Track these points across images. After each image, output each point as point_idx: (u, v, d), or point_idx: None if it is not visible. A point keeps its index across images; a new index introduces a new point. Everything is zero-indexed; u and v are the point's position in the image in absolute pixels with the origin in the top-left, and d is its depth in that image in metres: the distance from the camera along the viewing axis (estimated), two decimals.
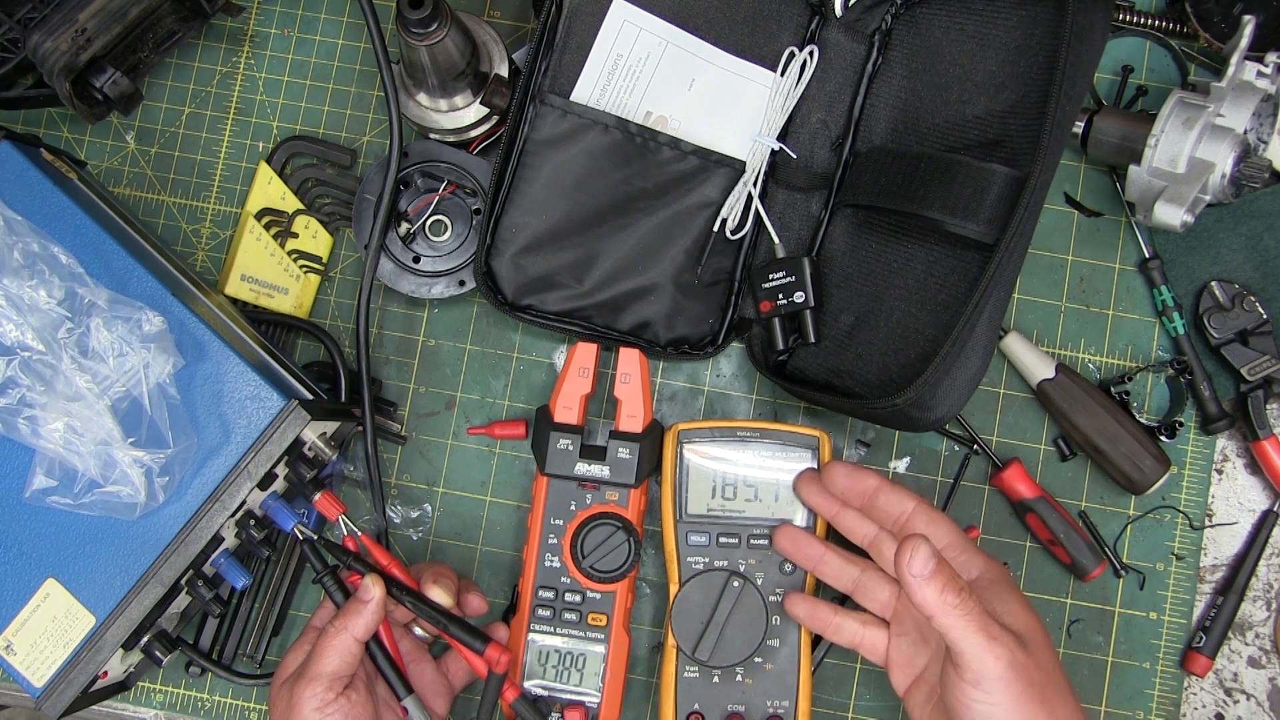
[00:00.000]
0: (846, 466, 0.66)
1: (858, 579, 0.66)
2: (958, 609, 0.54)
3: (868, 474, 0.65)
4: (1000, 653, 0.54)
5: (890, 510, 0.64)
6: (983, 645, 0.54)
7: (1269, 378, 0.73)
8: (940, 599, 0.54)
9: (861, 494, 0.65)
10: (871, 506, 0.65)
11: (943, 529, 0.63)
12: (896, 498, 0.64)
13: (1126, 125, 0.72)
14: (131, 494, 0.62)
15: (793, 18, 0.75)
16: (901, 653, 0.64)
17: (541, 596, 0.69)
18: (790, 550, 0.68)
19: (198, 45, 0.81)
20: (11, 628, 0.63)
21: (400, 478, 0.77)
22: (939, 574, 0.55)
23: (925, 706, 0.62)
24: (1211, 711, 0.74)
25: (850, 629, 0.66)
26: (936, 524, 0.64)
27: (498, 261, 0.72)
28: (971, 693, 0.55)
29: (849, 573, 0.66)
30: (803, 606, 0.67)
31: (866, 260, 0.73)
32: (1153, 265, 0.75)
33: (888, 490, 0.65)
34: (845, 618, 0.66)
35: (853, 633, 0.66)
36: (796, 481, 0.69)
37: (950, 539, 0.63)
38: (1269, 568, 0.75)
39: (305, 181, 0.79)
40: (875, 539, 0.66)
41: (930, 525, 0.63)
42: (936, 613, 0.54)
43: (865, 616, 0.66)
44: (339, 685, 0.61)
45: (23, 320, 0.62)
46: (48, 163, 0.70)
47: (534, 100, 0.72)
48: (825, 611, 0.66)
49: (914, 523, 0.64)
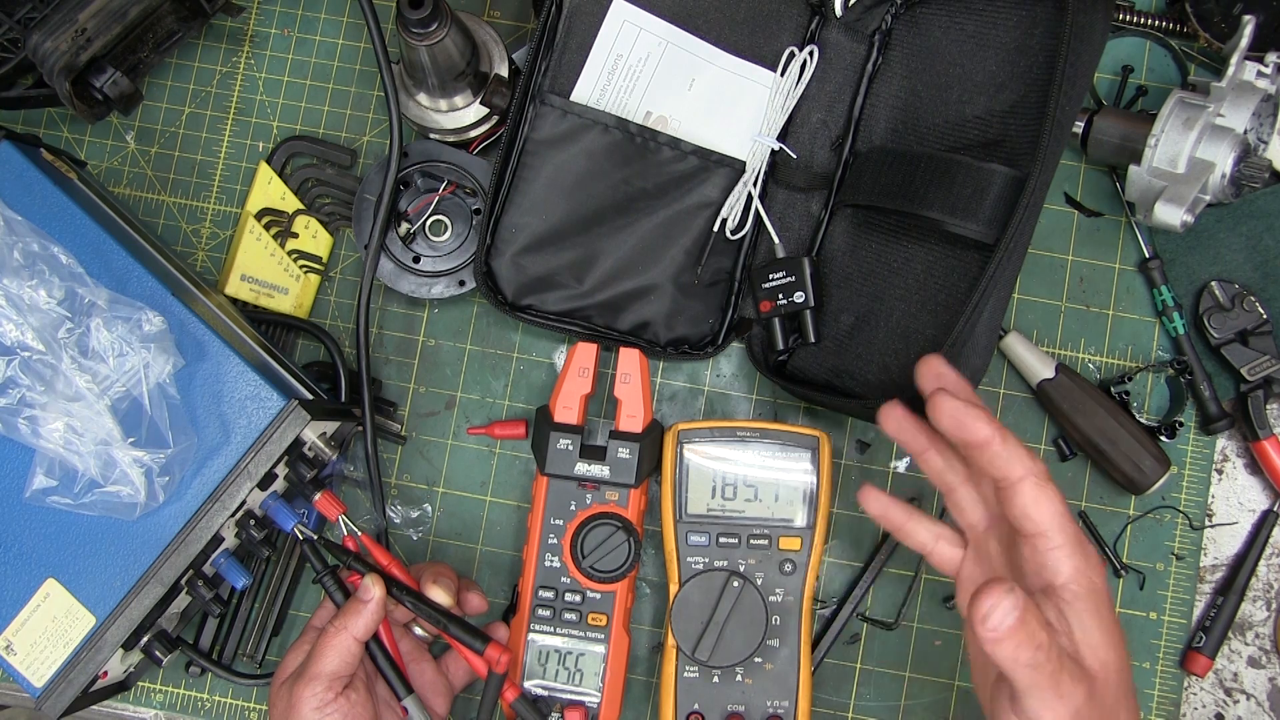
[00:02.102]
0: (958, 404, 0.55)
1: (956, 488, 0.60)
2: (1029, 665, 0.48)
3: (981, 420, 0.54)
4: (1064, 711, 0.49)
5: (993, 472, 0.54)
6: (1047, 702, 0.49)
7: (1269, 378, 0.73)
8: (1014, 656, 0.48)
9: (968, 443, 0.55)
10: (974, 458, 0.56)
11: (1046, 512, 0.53)
12: (1005, 462, 0.54)
13: (1126, 125, 0.72)
14: (131, 494, 0.62)
15: (793, 18, 0.75)
16: (974, 577, 0.59)
17: (541, 596, 0.69)
18: (895, 431, 0.61)
19: (198, 45, 0.81)
20: (11, 628, 0.63)
21: (400, 478, 0.77)
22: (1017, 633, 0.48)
23: None
24: (1211, 711, 0.74)
25: (922, 535, 0.61)
26: (1040, 506, 0.53)
27: (498, 261, 0.72)
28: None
29: (947, 478, 0.60)
30: (876, 502, 0.62)
31: (866, 260, 0.73)
32: (1153, 265, 0.75)
33: (999, 446, 0.54)
34: (918, 521, 0.61)
35: (923, 540, 0.61)
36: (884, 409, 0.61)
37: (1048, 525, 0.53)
38: (1269, 568, 0.75)
39: (305, 181, 0.79)
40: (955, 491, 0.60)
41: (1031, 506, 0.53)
42: (1007, 669, 0.49)
43: (939, 530, 0.61)
44: (339, 685, 0.61)
45: (23, 320, 0.62)
46: (48, 163, 0.70)
47: (534, 100, 0.72)
48: (898, 512, 0.61)
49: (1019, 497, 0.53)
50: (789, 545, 0.69)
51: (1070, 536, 0.53)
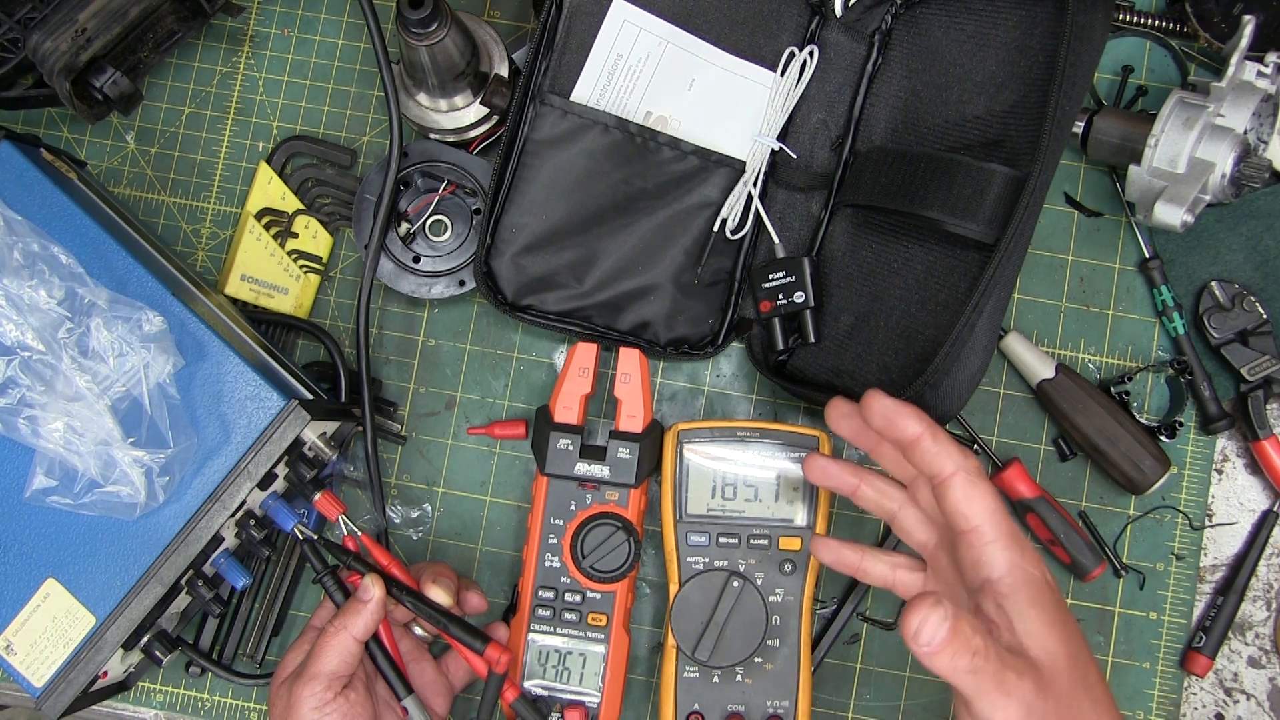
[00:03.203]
0: (889, 402, 0.57)
1: (896, 513, 0.61)
2: (969, 672, 0.49)
3: (909, 417, 0.56)
4: (1014, 709, 0.49)
5: (925, 468, 0.56)
6: (996, 704, 0.49)
7: (1269, 378, 0.73)
8: (951, 666, 0.49)
9: (898, 440, 0.57)
10: (908, 455, 0.57)
11: (977, 508, 0.55)
12: (935, 457, 0.55)
13: (1126, 125, 0.72)
14: (131, 494, 0.62)
15: (793, 18, 0.75)
16: None
17: (541, 596, 0.69)
18: (822, 479, 0.63)
19: (198, 45, 0.81)
20: (11, 628, 0.63)
21: (400, 478, 0.77)
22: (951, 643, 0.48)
23: None
24: (1211, 711, 0.74)
25: (879, 571, 0.61)
26: (972, 501, 0.55)
27: (498, 261, 0.72)
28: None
29: (886, 506, 0.61)
30: (827, 551, 0.63)
31: (866, 260, 0.73)
32: (1153, 265, 0.75)
33: (929, 443, 0.55)
34: (873, 560, 0.62)
35: (883, 574, 0.61)
36: (829, 407, 0.61)
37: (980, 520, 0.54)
38: (1269, 568, 0.75)
39: (305, 181, 0.79)
40: (915, 483, 0.60)
41: (963, 502, 0.55)
42: (948, 677, 0.49)
43: (895, 559, 0.62)
44: (338, 685, 0.61)
45: (23, 320, 0.62)
46: (48, 163, 0.70)
47: (534, 100, 0.72)
48: (851, 554, 0.62)
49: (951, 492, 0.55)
50: (789, 545, 0.69)
51: (1004, 530, 0.54)
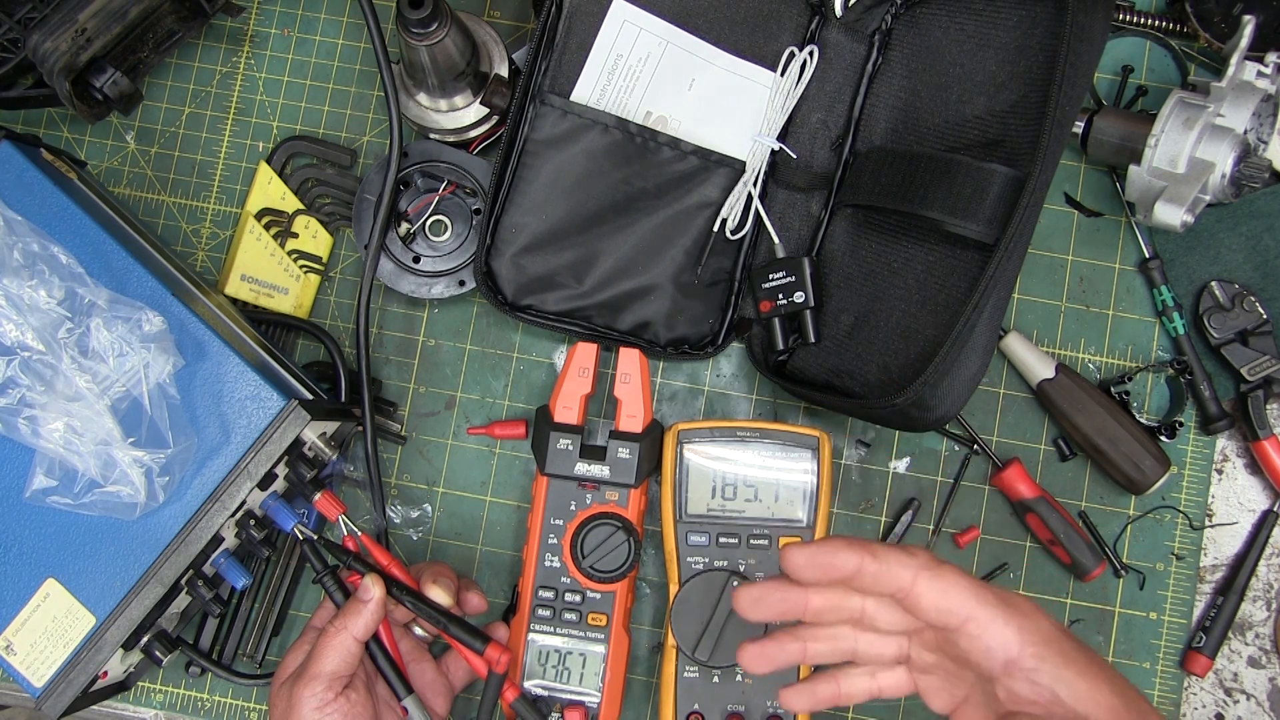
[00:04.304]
0: (807, 549, 0.52)
1: (854, 647, 0.56)
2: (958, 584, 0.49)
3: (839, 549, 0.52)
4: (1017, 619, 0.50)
5: (881, 590, 0.52)
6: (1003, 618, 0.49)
7: (1269, 378, 0.73)
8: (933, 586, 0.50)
9: (839, 577, 0.52)
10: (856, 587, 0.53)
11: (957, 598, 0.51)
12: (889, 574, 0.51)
13: (1126, 125, 0.72)
14: (131, 494, 0.62)
15: (793, 18, 0.75)
16: (932, 685, 0.56)
17: (541, 596, 0.69)
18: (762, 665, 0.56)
19: (198, 45, 0.81)
20: (11, 628, 0.63)
21: (400, 478, 0.77)
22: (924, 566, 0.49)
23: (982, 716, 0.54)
24: (1211, 711, 0.74)
25: (861, 685, 0.57)
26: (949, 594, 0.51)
27: (498, 261, 0.72)
28: None
29: (841, 646, 0.56)
30: (800, 698, 0.58)
31: (866, 260, 0.73)
32: (1153, 265, 0.75)
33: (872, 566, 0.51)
34: (849, 679, 0.57)
35: (866, 688, 0.57)
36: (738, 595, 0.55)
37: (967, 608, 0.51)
38: (1269, 568, 0.75)
39: (305, 181, 0.79)
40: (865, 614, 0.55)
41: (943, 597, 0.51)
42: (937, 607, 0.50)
43: (869, 666, 0.57)
44: (339, 685, 0.61)
45: (23, 320, 0.62)
46: (48, 163, 0.70)
47: (534, 100, 0.72)
48: (825, 687, 0.57)
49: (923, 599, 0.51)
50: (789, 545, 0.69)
51: (994, 603, 0.51)
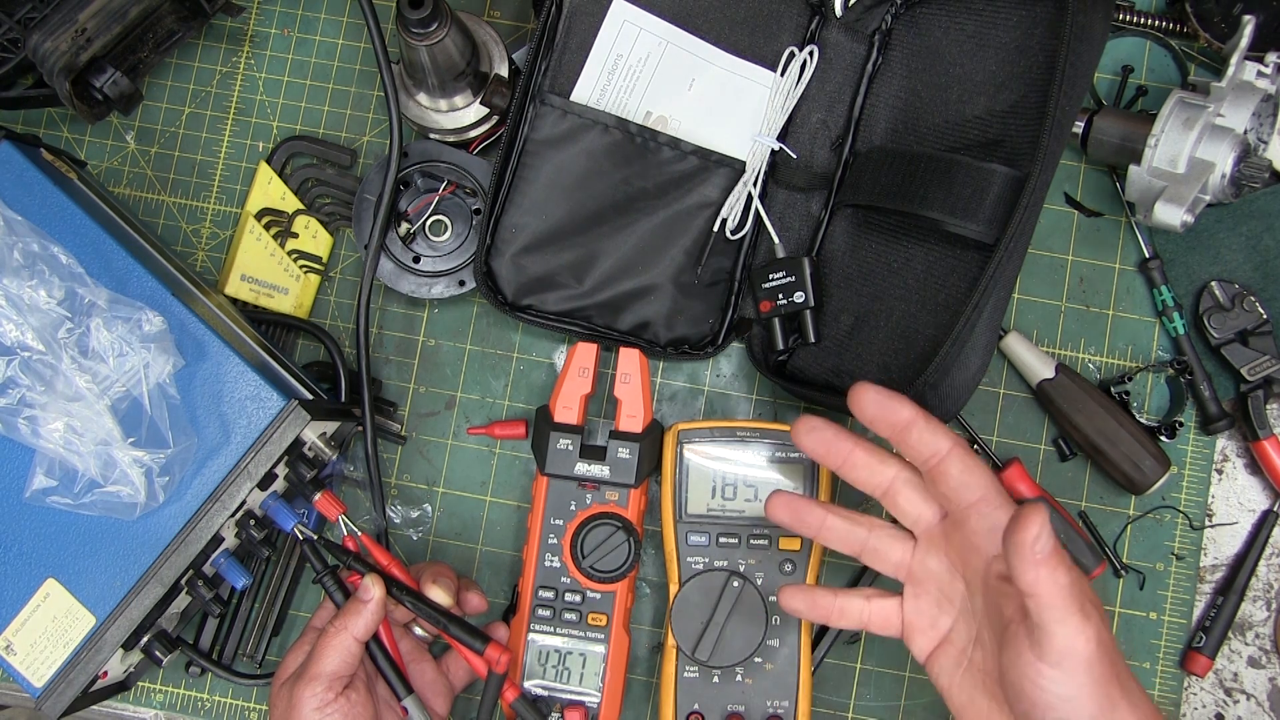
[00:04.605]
0: (879, 391, 0.58)
1: (865, 540, 0.61)
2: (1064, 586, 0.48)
3: (902, 402, 0.57)
4: (1091, 634, 0.49)
5: (922, 450, 0.57)
6: (1077, 627, 0.49)
7: (1269, 378, 0.73)
8: (1051, 578, 0.48)
9: (893, 425, 0.58)
10: (900, 442, 0.58)
11: (980, 478, 0.56)
12: (931, 436, 0.57)
13: (1126, 125, 0.72)
14: (131, 494, 0.62)
15: (793, 18, 0.75)
16: (922, 616, 0.59)
17: (541, 596, 0.69)
18: (788, 518, 0.62)
19: (198, 45, 0.81)
20: (11, 628, 0.63)
21: (400, 478, 0.77)
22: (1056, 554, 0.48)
23: (955, 673, 0.57)
24: (1211, 711, 0.74)
25: (855, 608, 0.61)
26: (972, 472, 0.56)
27: (498, 261, 0.72)
28: (1050, 673, 0.50)
29: (856, 535, 0.61)
30: (799, 598, 0.62)
31: (866, 260, 0.73)
32: (1153, 265, 0.75)
33: (923, 425, 0.57)
34: (847, 597, 0.61)
35: (859, 611, 0.61)
36: (796, 424, 0.61)
37: (986, 487, 0.56)
38: (1269, 568, 0.75)
39: (305, 181, 0.79)
40: (890, 488, 0.60)
41: (966, 473, 0.56)
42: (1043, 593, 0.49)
43: (868, 591, 0.61)
44: (339, 685, 0.61)
45: (23, 320, 0.62)
46: (48, 163, 0.70)
47: (534, 100, 0.72)
48: (824, 597, 0.62)
49: (948, 468, 0.56)
50: (789, 545, 0.69)
51: (1007, 495, 0.57)
